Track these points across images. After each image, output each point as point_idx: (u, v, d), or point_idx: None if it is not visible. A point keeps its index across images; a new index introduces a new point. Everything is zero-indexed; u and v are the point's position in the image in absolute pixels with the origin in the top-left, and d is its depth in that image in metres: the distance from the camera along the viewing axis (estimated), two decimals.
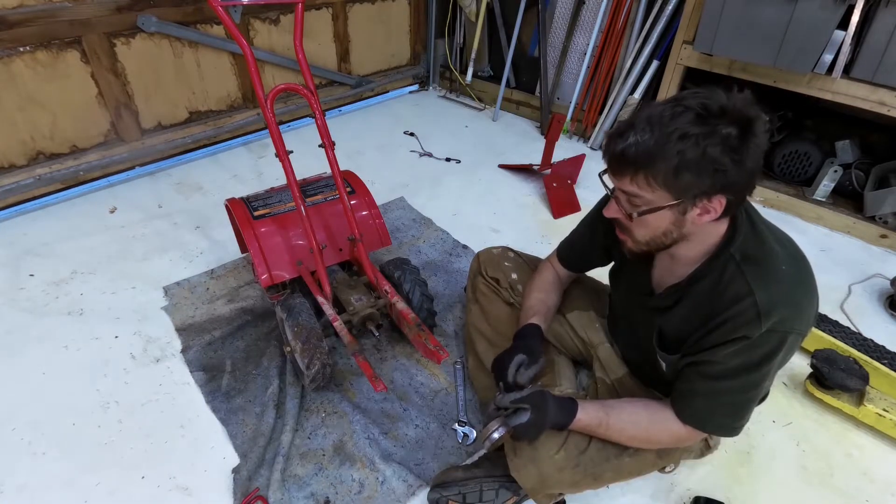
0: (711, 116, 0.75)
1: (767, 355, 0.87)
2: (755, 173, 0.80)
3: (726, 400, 0.93)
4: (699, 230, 0.87)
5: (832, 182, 2.30)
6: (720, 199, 0.80)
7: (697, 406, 0.96)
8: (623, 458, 1.04)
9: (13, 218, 2.14)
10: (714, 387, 0.92)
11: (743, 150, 0.75)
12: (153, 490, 1.23)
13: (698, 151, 0.75)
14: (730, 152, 0.75)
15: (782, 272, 0.86)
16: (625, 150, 0.79)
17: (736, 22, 2.03)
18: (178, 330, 1.64)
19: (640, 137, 0.78)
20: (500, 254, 1.46)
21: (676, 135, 0.75)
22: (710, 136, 0.74)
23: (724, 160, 0.75)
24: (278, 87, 1.36)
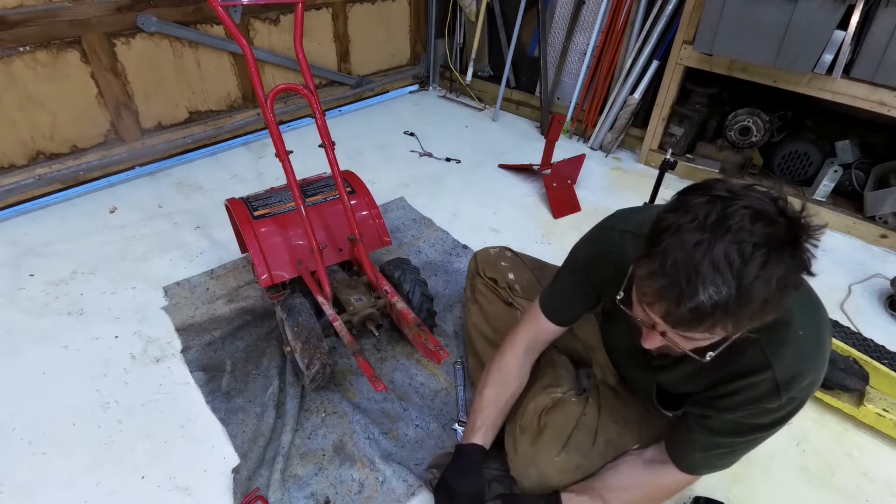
0: (781, 247, 0.64)
1: (783, 418, 0.85)
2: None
3: (727, 451, 0.92)
4: None
5: (832, 182, 2.30)
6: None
7: (696, 457, 0.95)
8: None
9: (13, 218, 2.14)
10: (717, 441, 0.91)
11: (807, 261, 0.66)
12: (153, 490, 1.23)
13: (780, 286, 0.65)
14: (802, 270, 0.66)
15: (799, 337, 0.80)
16: (698, 308, 0.65)
17: (736, 22, 2.03)
18: (178, 330, 1.64)
19: (716, 293, 0.63)
20: (498, 254, 1.46)
21: (760, 283, 0.63)
22: (788, 267, 0.64)
23: (799, 279, 0.67)
24: (278, 87, 1.36)
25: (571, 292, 1.09)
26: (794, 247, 0.64)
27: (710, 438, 0.91)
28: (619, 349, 1.16)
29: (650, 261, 0.68)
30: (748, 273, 0.63)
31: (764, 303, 0.65)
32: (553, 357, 1.32)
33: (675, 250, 0.65)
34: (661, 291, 0.67)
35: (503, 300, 1.39)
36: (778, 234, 0.63)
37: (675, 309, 0.67)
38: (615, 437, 1.06)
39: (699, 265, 0.64)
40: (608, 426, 1.07)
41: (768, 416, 0.84)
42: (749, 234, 0.63)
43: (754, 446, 0.92)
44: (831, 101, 2.06)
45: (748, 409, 0.83)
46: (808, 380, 0.80)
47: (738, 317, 0.66)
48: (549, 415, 1.09)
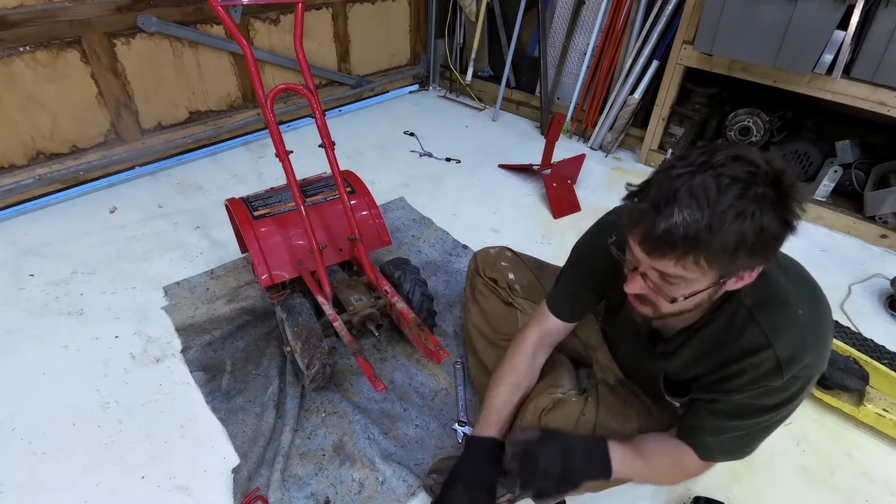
0: (758, 185, 0.67)
1: (788, 399, 0.85)
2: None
3: (737, 435, 0.91)
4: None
5: (832, 182, 2.30)
6: (759, 268, 0.76)
7: (707, 441, 0.93)
8: None
9: (13, 218, 2.14)
10: (725, 425, 0.90)
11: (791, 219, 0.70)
12: (153, 490, 1.23)
13: (756, 229, 0.67)
14: (782, 224, 0.69)
15: (799, 317, 0.81)
16: (670, 229, 0.68)
17: (736, 22, 2.03)
18: (178, 330, 1.64)
19: (689, 216, 0.67)
20: (498, 254, 1.46)
21: (732, 213, 0.66)
22: (763, 210, 0.67)
23: (780, 233, 0.70)
24: (278, 87, 1.36)
25: (576, 289, 1.10)
26: (775, 192, 0.68)
27: (718, 422, 0.90)
28: (622, 343, 1.17)
29: (639, 192, 0.74)
30: (722, 202, 0.67)
31: (738, 239, 0.67)
32: (553, 357, 1.32)
33: (660, 181, 0.71)
34: (640, 214, 0.72)
35: (503, 300, 1.39)
36: (758, 176, 0.67)
37: (650, 230, 0.70)
38: (614, 435, 1.06)
39: (678, 191, 0.69)
40: (607, 424, 1.07)
41: (773, 397, 0.84)
42: (730, 170, 0.68)
43: (766, 431, 0.91)
44: (831, 101, 2.06)
45: (753, 390, 0.84)
46: (808, 359, 0.81)
47: (709, 248, 0.68)
48: (549, 415, 1.09)
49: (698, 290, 0.76)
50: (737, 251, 0.69)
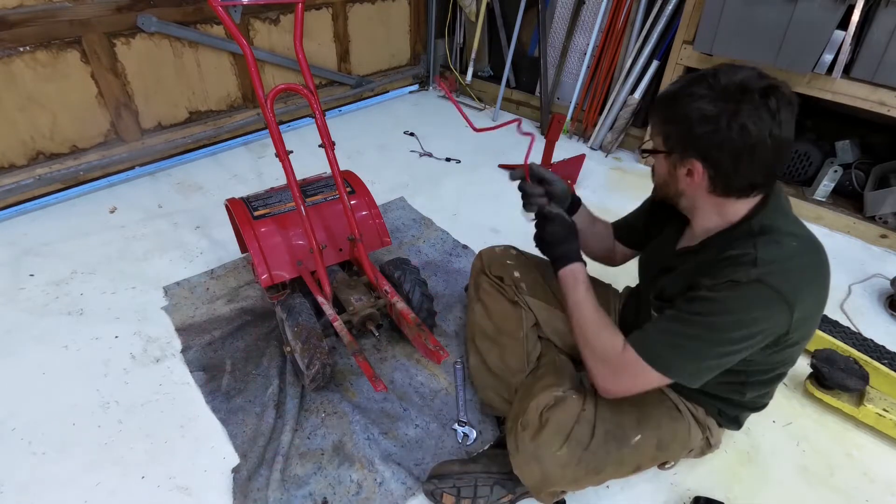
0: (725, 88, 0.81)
1: (746, 304, 0.83)
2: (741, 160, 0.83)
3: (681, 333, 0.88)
4: (697, 198, 0.93)
5: (832, 182, 2.30)
6: (699, 166, 0.87)
7: (650, 332, 0.92)
8: (623, 449, 1.04)
9: (13, 218, 2.14)
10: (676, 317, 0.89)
11: (725, 127, 0.81)
12: (153, 490, 1.24)
13: (687, 110, 0.83)
14: (709, 122, 0.81)
15: (791, 246, 0.87)
16: (662, 95, 0.90)
17: (736, 22, 2.03)
18: (178, 330, 1.64)
19: (673, 86, 0.88)
20: (503, 252, 1.46)
21: (685, 93, 0.84)
22: (701, 99, 0.82)
23: (702, 127, 0.82)
24: (278, 87, 1.36)
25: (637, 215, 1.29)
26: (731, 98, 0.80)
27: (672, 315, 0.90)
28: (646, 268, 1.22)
29: None
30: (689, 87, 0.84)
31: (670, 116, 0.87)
32: (554, 357, 1.32)
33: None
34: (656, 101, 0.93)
35: (509, 299, 1.39)
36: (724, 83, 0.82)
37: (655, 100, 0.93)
38: (613, 427, 1.05)
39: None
40: (606, 417, 1.07)
41: (734, 293, 0.83)
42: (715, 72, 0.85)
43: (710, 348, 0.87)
44: (831, 101, 2.06)
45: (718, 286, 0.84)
46: (783, 272, 0.83)
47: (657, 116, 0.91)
48: (550, 411, 1.09)
49: (651, 150, 0.94)
50: (667, 121, 0.88)
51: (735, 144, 0.81)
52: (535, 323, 1.35)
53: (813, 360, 1.44)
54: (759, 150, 0.82)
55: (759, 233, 0.87)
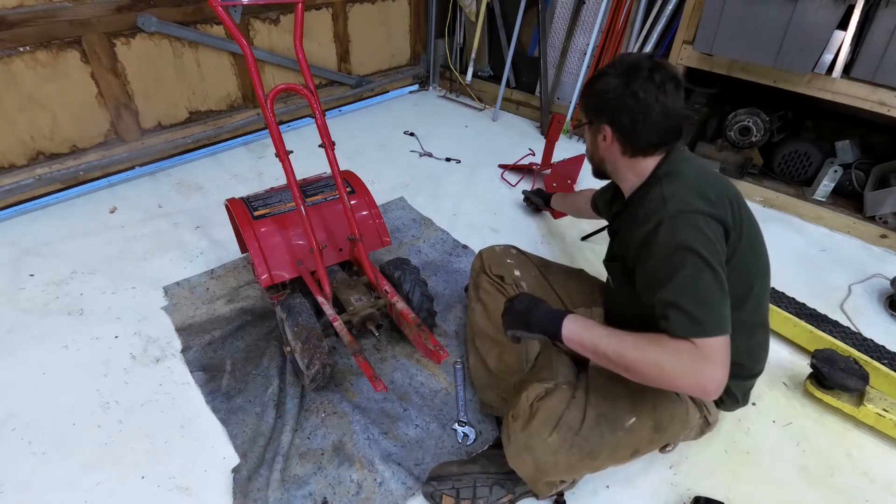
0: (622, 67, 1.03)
1: (690, 232, 0.93)
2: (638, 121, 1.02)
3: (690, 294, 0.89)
4: (617, 163, 1.10)
5: (832, 182, 2.30)
6: (608, 130, 1.07)
7: (672, 316, 0.89)
8: (617, 433, 1.03)
9: (13, 218, 2.14)
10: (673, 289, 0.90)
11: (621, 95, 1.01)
12: (153, 490, 1.24)
13: (598, 85, 1.06)
14: (611, 92, 1.03)
15: (691, 175, 1.03)
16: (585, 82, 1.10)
17: (736, 22, 2.03)
18: (178, 330, 1.64)
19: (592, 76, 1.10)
20: (503, 251, 1.46)
21: (597, 74, 1.07)
22: (606, 76, 1.04)
23: (606, 95, 1.04)
24: (278, 87, 1.36)
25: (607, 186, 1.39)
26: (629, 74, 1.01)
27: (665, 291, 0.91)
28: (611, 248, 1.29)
29: None
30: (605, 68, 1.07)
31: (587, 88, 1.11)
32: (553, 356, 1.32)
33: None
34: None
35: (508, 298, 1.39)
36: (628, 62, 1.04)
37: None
38: (607, 410, 1.04)
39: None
40: (598, 402, 1.06)
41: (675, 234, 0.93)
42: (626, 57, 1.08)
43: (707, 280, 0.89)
44: (831, 101, 2.06)
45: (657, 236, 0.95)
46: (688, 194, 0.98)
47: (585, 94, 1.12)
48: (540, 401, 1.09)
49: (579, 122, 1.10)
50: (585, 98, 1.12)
51: (632, 109, 1.02)
52: None
53: (813, 360, 1.44)
54: (651, 113, 1.01)
55: (663, 175, 1.05)
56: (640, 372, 0.90)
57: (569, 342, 0.99)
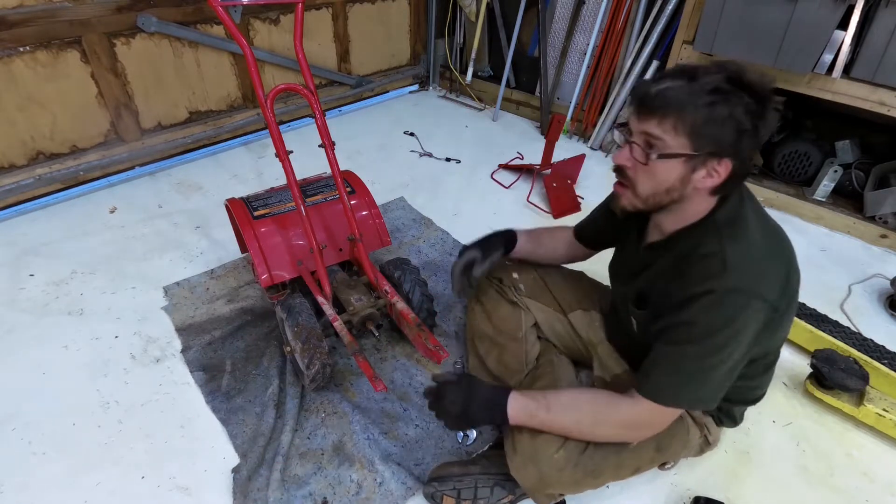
0: (737, 82, 0.82)
1: (731, 317, 0.86)
2: (757, 150, 0.88)
3: (687, 369, 0.90)
4: (694, 197, 0.92)
5: (832, 182, 2.30)
6: (727, 164, 0.86)
7: (657, 378, 0.93)
8: (622, 453, 1.04)
9: (13, 218, 2.14)
10: (676, 353, 0.90)
11: (761, 120, 0.83)
12: (153, 490, 1.24)
13: (726, 111, 0.82)
14: (752, 118, 0.82)
15: (756, 238, 0.90)
16: (659, 92, 0.84)
17: (736, 22, 2.03)
18: (178, 330, 1.64)
19: (675, 84, 0.84)
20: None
21: (709, 87, 0.82)
22: (737, 98, 0.82)
23: (747, 124, 0.82)
24: (278, 87, 1.36)
25: (598, 215, 1.29)
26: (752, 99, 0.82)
27: (669, 351, 0.91)
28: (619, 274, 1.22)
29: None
30: (705, 81, 0.83)
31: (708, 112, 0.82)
32: (553, 358, 1.32)
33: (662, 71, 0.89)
34: (640, 88, 0.88)
35: (508, 300, 1.39)
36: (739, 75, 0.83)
37: (644, 94, 0.87)
38: None
39: (667, 72, 0.88)
40: None
41: (718, 312, 0.86)
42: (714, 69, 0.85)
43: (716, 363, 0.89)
44: (831, 101, 2.06)
45: (699, 302, 0.87)
46: (755, 272, 0.87)
47: (683, 114, 0.83)
48: None
49: (671, 154, 0.86)
50: (706, 124, 0.83)
51: (758, 142, 0.86)
52: (534, 323, 1.35)
53: (813, 360, 1.44)
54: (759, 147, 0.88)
55: (724, 225, 0.91)
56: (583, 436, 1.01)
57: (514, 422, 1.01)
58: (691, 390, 0.92)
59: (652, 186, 0.91)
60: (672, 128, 0.85)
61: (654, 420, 0.97)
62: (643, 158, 0.89)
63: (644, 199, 0.94)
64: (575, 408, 1.00)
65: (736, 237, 0.89)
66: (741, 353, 0.90)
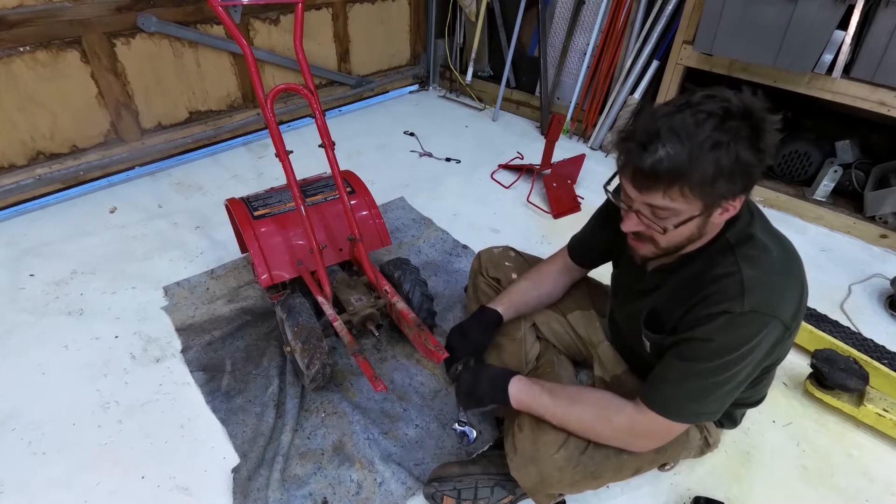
0: (732, 119, 0.76)
1: (746, 339, 0.85)
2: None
3: (696, 384, 0.90)
4: (710, 230, 0.90)
5: (832, 182, 2.30)
6: (741, 196, 0.84)
7: (665, 390, 0.93)
8: (622, 455, 1.04)
9: (13, 218, 2.14)
10: (687, 369, 0.89)
11: (764, 148, 0.78)
12: (153, 490, 1.24)
13: (731, 157, 0.76)
14: (756, 153, 0.77)
15: (772, 258, 0.88)
16: (655, 164, 0.77)
17: (736, 22, 2.03)
18: (178, 330, 1.64)
19: (672, 150, 0.76)
20: (501, 253, 1.46)
21: (709, 144, 0.76)
22: (738, 140, 0.76)
23: (754, 161, 0.78)
24: (278, 87, 1.36)
25: (590, 235, 1.24)
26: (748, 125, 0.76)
27: (680, 366, 0.90)
28: (621, 289, 1.19)
29: (626, 134, 0.82)
30: (699, 134, 0.76)
31: (716, 167, 0.76)
32: (553, 358, 1.32)
33: (645, 122, 0.80)
34: (629, 153, 0.81)
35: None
36: (731, 111, 0.76)
37: (639, 166, 0.79)
38: None
39: (660, 129, 0.78)
40: None
41: (734, 332, 0.84)
42: (705, 107, 0.77)
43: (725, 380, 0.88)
44: (831, 101, 2.06)
45: (715, 321, 0.85)
46: (772, 293, 0.85)
47: (692, 178, 0.77)
48: None
49: (686, 219, 0.83)
50: (716, 179, 0.78)
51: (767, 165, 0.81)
52: (532, 324, 1.35)
53: (813, 360, 1.44)
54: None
55: (738, 243, 0.88)
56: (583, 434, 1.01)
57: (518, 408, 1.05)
58: (699, 406, 0.92)
59: (673, 241, 0.89)
60: (680, 195, 0.80)
61: (657, 431, 0.96)
62: (659, 230, 0.86)
63: (665, 249, 0.91)
64: (578, 401, 1.01)
65: (752, 258, 0.87)
66: (751, 370, 0.90)
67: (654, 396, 0.94)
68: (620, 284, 1.20)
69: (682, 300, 0.93)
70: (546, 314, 1.36)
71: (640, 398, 0.95)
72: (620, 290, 1.20)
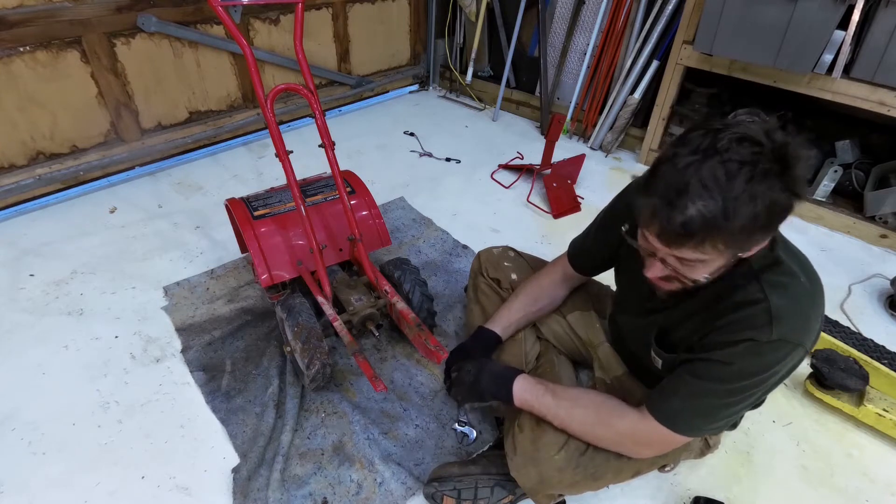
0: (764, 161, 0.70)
1: (769, 365, 0.82)
2: None
3: (708, 402, 0.88)
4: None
5: (832, 182, 2.30)
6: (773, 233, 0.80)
7: (674, 403, 0.90)
8: (622, 457, 1.04)
9: (13, 218, 2.14)
10: (700, 387, 0.87)
11: (799, 190, 0.72)
12: (153, 490, 1.24)
13: (766, 204, 0.70)
14: (791, 195, 0.72)
15: (800, 284, 0.84)
16: (687, 222, 0.71)
17: (736, 22, 2.03)
18: (178, 330, 1.64)
19: (703, 207, 0.70)
20: (501, 254, 1.46)
21: (745, 198, 0.69)
22: (773, 188, 0.70)
23: (789, 203, 0.73)
24: (278, 87, 1.36)
25: (592, 242, 1.19)
26: (781, 166, 0.70)
27: (693, 383, 0.87)
28: (627, 300, 1.17)
29: (648, 186, 0.76)
30: (734, 187, 0.69)
31: (752, 220, 0.71)
32: (553, 358, 1.32)
33: (668, 173, 0.73)
34: (654, 210, 0.74)
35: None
36: (763, 154, 0.70)
37: (666, 225, 0.73)
38: None
39: (689, 183, 0.71)
40: None
41: (758, 359, 0.82)
42: (736, 154, 0.70)
43: (738, 401, 0.86)
44: (831, 101, 2.06)
45: (738, 347, 0.82)
46: (799, 322, 0.82)
47: (726, 233, 0.72)
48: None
49: (717, 268, 0.80)
50: (752, 231, 0.73)
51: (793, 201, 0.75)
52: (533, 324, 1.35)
53: (813, 360, 1.44)
54: None
55: (762, 269, 0.84)
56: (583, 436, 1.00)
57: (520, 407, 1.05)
58: (707, 422, 0.91)
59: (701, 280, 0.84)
60: (713, 249, 0.75)
61: (659, 441, 0.94)
62: (689, 282, 0.83)
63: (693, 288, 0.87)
64: (581, 403, 1.01)
65: (780, 285, 0.82)
66: (766, 392, 0.88)
67: (662, 407, 0.92)
68: (627, 297, 1.17)
69: (699, 323, 0.90)
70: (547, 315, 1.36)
71: (646, 407, 0.94)
72: (627, 302, 1.17)
